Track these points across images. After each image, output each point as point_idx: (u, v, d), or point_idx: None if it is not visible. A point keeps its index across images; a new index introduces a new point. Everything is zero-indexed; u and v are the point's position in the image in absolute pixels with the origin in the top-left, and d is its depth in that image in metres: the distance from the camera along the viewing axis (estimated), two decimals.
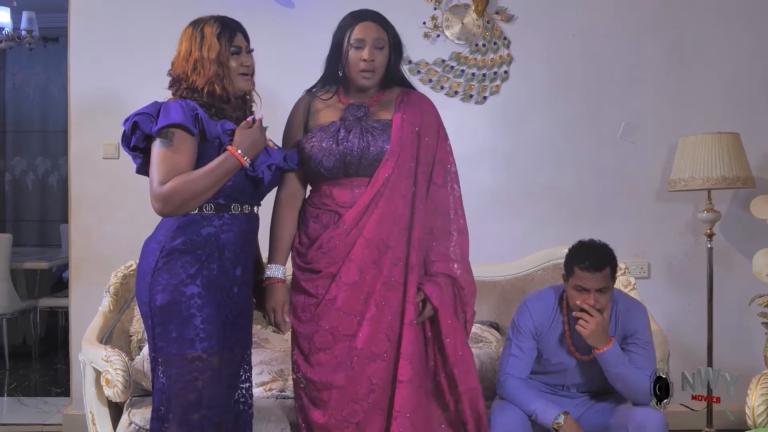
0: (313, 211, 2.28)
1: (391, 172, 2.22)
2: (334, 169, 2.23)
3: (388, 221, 2.22)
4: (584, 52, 3.77)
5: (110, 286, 2.98)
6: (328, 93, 2.32)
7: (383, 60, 2.25)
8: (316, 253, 2.23)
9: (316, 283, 2.23)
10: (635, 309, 2.58)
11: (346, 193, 2.24)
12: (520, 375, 2.55)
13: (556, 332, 2.57)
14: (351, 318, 2.20)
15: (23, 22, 5.81)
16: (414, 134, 2.27)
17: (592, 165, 3.78)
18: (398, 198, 2.23)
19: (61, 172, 7.27)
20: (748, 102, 3.77)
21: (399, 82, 2.36)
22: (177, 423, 2.01)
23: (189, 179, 1.99)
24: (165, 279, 2.01)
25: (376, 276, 2.21)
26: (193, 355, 2.00)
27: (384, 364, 2.20)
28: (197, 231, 2.04)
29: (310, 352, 2.23)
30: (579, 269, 2.43)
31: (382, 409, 2.21)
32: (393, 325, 2.21)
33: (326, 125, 2.26)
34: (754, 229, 3.63)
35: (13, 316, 5.32)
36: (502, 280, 3.34)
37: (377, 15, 2.26)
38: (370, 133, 2.23)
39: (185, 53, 2.09)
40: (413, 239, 2.24)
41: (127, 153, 2.11)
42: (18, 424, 3.98)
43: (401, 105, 2.30)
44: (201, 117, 2.01)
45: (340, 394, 2.19)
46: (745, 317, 3.57)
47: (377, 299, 2.21)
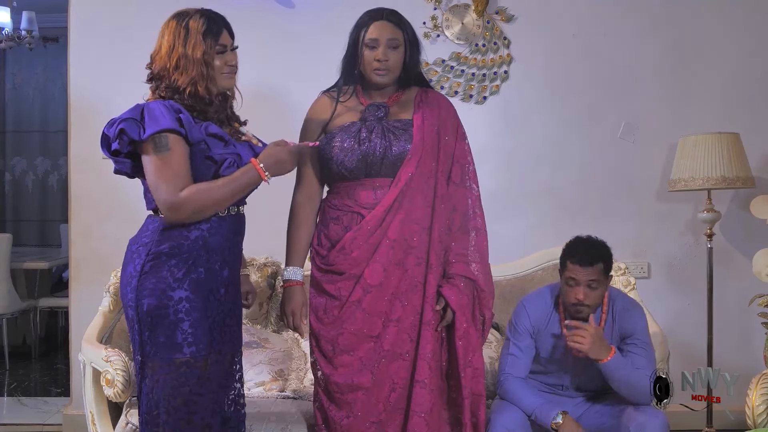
0: (333, 212, 2.27)
1: (414, 172, 2.22)
2: (356, 170, 2.22)
3: (411, 221, 2.22)
4: (584, 52, 3.77)
5: (110, 286, 2.98)
6: (346, 95, 2.30)
7: (398, 59, 2.24)
8: (338, 255, 2.22)
9: (339, 284, 2.22)
10: (633, 309, 2.58)
11: (368, 194, 2.23)
12: (519, 374, 2.55)
13: (553, 331, 2.57)
14: (375, 319, 2.20)
15: (23, 22, 5.81)
16: (434, 134, 2.27)
17: (592, 165, 3.78)
18: (420, 198, 2.23)
19: (61, 172, 7.26)
20: (748, 102, 3.77)
21: (417, 81, 2.35)
22: (165, 427, 2.00)
23: (208, 188, 1.97)
24: (152, 283, 1.98)
25: (400, 277, 2.21)
26: (181, 360, 1.98)
27: (405, 363, 2.21)
28: (185, 234, 2.01)
29: (334, 354, 2.22)
30: (570, 263, 2.46)
31: (401, 409, 2.21)
32: (414, 325, 2.22)
33: (346, 125, 2.25)
34: (754, 229, 3.63)
35: (13, 316, 5.32)
36: (502, 280, 3.34)
37: (393, 13, 2.25)
38: (392, 132, 2.23)
39: (168, 48, 2.01)
40: (433, 239, 2.24)
41: (108, 157, 2.03)
42: (18, 424, 3.98)
43: (420, 104, 2.30)
44: (184, 120, 1.96)
45: (366, 395, 2.20)
46: (745, 317, 3.57)
47: (402, 300, 2.21)
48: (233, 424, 2.16)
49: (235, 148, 2.06)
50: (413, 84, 2.34)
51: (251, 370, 2.79)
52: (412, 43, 2.27)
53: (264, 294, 3.24)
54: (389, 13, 2.25)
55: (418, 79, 2.36)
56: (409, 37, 2.26)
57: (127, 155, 2.01)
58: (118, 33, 3.73)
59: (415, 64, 2.31)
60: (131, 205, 3.56)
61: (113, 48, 3.73)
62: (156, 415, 2.02)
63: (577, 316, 2.48)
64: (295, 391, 2.78)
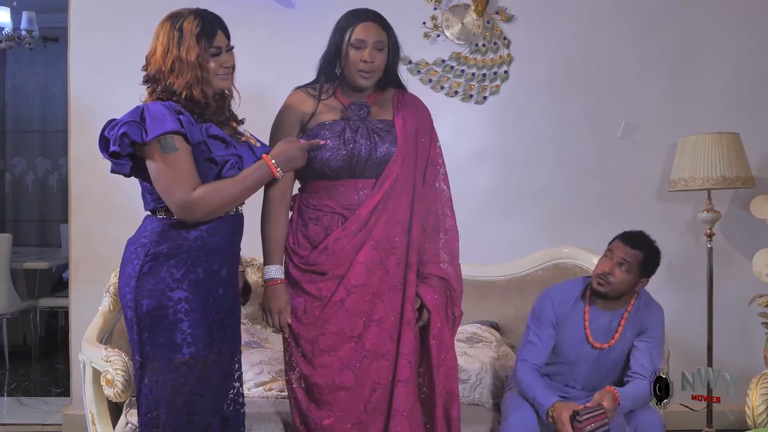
0: (311, 212, 2.25)
1: (399, 173, 2.22)
2: (340, 170, 2.21)
3: (395, 222, 2.23)
4: (584, 52, 3.77)
5: (110, 286, 2.97)
6: (326, 93, 2.28)
7: (382, 61, 2.23)
8: (320, 255, 2.21)
9: (320, 285, 2.22)
10: (653, 305, 2.63)
11: (350, 195, 2.23)
12: (534, 361, 2.58)
13: (575, 320, 2.59)
14: (357, 319, 2.20)
15: (23, 22, 5.80)
16: (413, 135, 2.27)
17: (592, 165, 3.78)
18: (404, 199, 2.24)
19: (61, 172, 7.26)
20: (748, 102, 3.77)
21: (394, 83, 2.35)
22: (166, 427, 2.00)
23: (220, 187, 1.98)
24: (151, 284, 1.98)
25: (382, 277, 2.21)
26: (180, 360, 1.98)
27: (387, 363, 2.21)
28: (183, 235, 2.00)
29: (314, 355, 2.22)
30: (618, 238, 2.59)
31: (382, 409, 2.21)
32: (395, 325, 2.22)
33: (328, 123, 2.23)
34: (754, 229, 3.63)
35: (13, 316, 5.32)
36: (502, 280, 3.34)
37: (378, 16, 2.24)
38: (376, 134, 2.22)
39: (162, 51, 1.99)
40: (412, 239, 2.25)
41: (106, 158, 2.01)
42: (18, 424, 3.98)
43: (399, 106, 2.30)
44: (184, 122, 1.96)
45: (348, 395, 2.20)
46: (745, 317, 3.58)
47: (383, 300, 2.21)
48: (232, 424, 2.16)
49: (235, 149, 2.05)
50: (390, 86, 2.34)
51: (251, 370, 2.79)
52: (395, 46, 2.27)
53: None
54: (374, 15, 2.23)
55: (396, 81, 2.35)
56: (393, 40, 2.25)
57: (127, 156, 2.00)
58: (117, 33, 3.73)
59: (395, 68, 2.31)
60: (131, 205, 3.54)
61: (113, 48, 3.72)
62: (156, 415, 2.02)
63: (596, 288, 2.54)
64: None
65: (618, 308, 2.58)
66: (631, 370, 2.54)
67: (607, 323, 2.57)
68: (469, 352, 2.85)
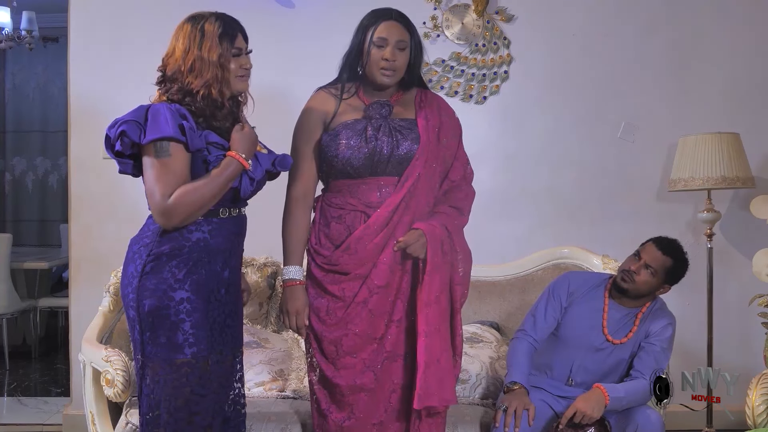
0: (334, 211, 2.24)
1: (422, 171, 2.21)
2: (361, 168, 2.20)
3: (418, 221, 2.22)
4: (584, 52, 3.77)
5: (110, 286, 2.98)
6: (348, 92, 2.27)
7: (404, 61, 2.22)
8: (342, 255, 2.20)
9: (343, 285, 2.20)
10: (665, 311, 2.64)
11: (372, 193, 2.21)
12: (531, 335, 2.60)
13: (590, 307, 2.60)
14: (379, 320, 2.20)
15: (23, 22, 5.81)
16: (435, 135, 2.26)
17: (592, 165, 3.78)
18: (425, 198, 2.23)
19: (61, 172, 7.26)
20: (748, 102, 3.77)
21: (417, 83, 2.34)
22: (167, 427, 2.00)
23: (193, 189, 1.95)
24: (153, 284, 1.98)
25: (402, 276, 2.21)
26: (182, 360, 1.98)
27: (405, 364, 2.21)
28: (186, 235, 2.00)
29: (338, 356, 2.21)
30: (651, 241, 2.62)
31: (402, 410, 2.21)
32: (413, 326, 2.21)
33: (350, 123, 2.22)
34: (754, 229, 3.63)
35: (13, 316, 5.32)
36: (502, 280, 3.34)
37: (402, 15, 2.23)
38: (399, 132, 2.21)
39: (182, 51, 1.99)
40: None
41: (111, 157, 2.03)
42: (18, 424, 3.98)
43: (421, 105, 2.29)
44: (187, 128, 1.95)
45: (369, 396, 2.20)
46: (745, 317, 3.57)
47: (404, 300, 2.21)
48: (233, 424, 2.16)
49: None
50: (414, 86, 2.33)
51: (251, 370, 2.79)
52: (418, 46, 2.26)
53: (264, 294, 3.24)
54: (398, 14, 2.23)
55: (419, 82, 2.35)
56: (415, 40, 2.25)
57: (130, 156, 2.01)
58: (118, 33, 3.73)
59: (418, 67, 2.30)
60: (131, 205, 3.57)
61: (113, 48, 3.73)
62: (157, 415, 2.02)
63: (619, 283, 2.57)
64: (295, 391, 2.77)
65: (633, 307, 2.59)
66: (633, 369, 2.53)
67: (619, 319, 2.58)
68: (469, 353, 2.84)
